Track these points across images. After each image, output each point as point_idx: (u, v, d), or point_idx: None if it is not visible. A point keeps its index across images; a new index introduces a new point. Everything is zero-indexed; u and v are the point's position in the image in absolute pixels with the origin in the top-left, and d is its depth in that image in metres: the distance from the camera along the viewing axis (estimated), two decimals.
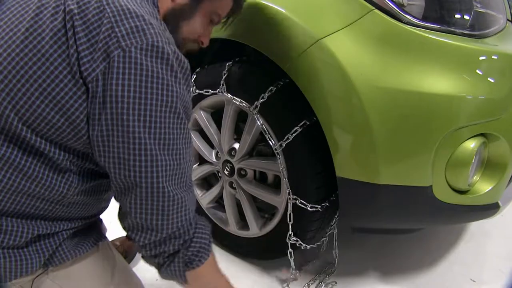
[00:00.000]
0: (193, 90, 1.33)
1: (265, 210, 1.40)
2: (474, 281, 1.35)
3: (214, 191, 1.45)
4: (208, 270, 0.81)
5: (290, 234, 1.22)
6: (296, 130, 1.12)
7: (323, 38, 0.98)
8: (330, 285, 1.32)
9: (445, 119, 0.96)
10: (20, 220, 0.75)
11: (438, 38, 0.97)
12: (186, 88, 0.75)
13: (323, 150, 1.07)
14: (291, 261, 1.28)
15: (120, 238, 1.38)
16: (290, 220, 1.20)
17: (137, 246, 0.80)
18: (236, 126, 1.31)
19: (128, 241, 1.37)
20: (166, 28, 0.77)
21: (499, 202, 1.13)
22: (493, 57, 1.00)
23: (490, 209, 1.13)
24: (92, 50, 0.68)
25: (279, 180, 1.24)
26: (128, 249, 1.37)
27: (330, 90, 1.00)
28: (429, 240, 1.56)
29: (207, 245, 0.80)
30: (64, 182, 0.75)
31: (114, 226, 0.81)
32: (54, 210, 0.77)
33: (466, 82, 0.96)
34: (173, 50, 0.71)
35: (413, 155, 1.00)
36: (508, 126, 1.02)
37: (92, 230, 0.90)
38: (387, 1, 0.98)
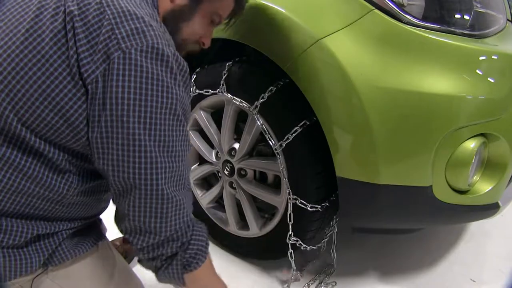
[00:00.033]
0: (193, 90, 1.33)
1: (265, 210, 1.40)
2: (474, 281, 1.35)
3: (214, 191, 1.45)
4: (205, 272, 0.82)
5: (291, 234, 1.22)
6: (296, 130, 1.12)
7: (323, 38, 0.98)
8: (330, 285, 1.32)
9: (445, 119, 0.96)
10: (20, 220, 0.75)
11: (438, 38, 0.97)
12: (185, 90, 0.75)
13: (323, 150, 1.07)
14: (292, 262, 1.27)
15: (120, 238, 1.38)
16: (290, 220, 1.20)
17: (134, 249, 0.80)
18: (236, 126, 1.31)
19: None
20: (165, 30, 0.77)
21: (499, 202, 1.13)
22: (493, 57, 1.00)
23: (490, 209, 1.13)
24: (92, 51, 0.68)
25: (279, 180, 1.24)
26: (128, 249, 1.37)
27: (330, 90, 1.00)
28: (429, 240, 1.56)
29: (205, 247, 0.81)
30: (63, 183, 0.75)
31: (114, 226, 0.81)
32: (53, 210, 0.78)
33: (466, 82, 0.96)
34: (172, 53, 0.71)
35: (413, 155, 1.00)
36: (508, 126, 1.02)
37: (91, 230, 0.90)
38: (387, 1, 0.97)
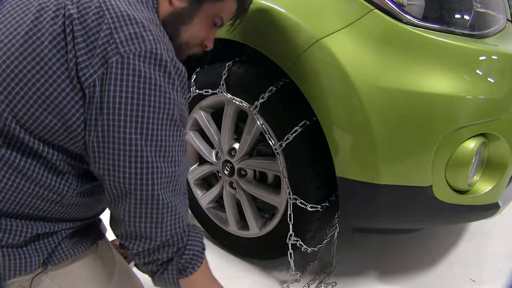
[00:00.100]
0: (193, 90, 1.33)
1: (265, 210, 1.40)
2: (474, 281, 1.35)
3: (214, 191, 1.45)
4: (201, 277, 0.81)
5: (291, 234, 1.22)
6: (296, 130, 1.12)
7: (323, 38, 0.98)
8: (330, 285, 1.32)
9: (445, 119, 0.96)
10: (19, 220, 0.75)
11: (438, 38, 0.97)
12: (182, 95, 0.75)
13: (323, 150, 1.07)
14: (291, 262, 1.27)
15: None
16: (290, 220, 1.20)
17: (130, 254, 0.80)
18: (236, 126, 1.31)
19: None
20: (165, 34, 0.77)
21: (499, 202, 1.13)
22: (493, 57, 1.00)
23: (490, 209, 1.13)
24: (90, 55, 0.68)
25: (279, 180, 1.24)
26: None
27: (330, 90, 1.00)
28: (429, 240, 1.56)
29: (201, 252, 0.81)
30: (63, 184, 0.75)
31: None
32: (53, 210, 0.78)
33: (466, 82, 0.96)
34: (171, 58, 0.71)
35: (413, 155, 1.00)
36: (508, 126, 1.02)
37: (91, 229, 0.90)
38: (387, 1, 0.98)
